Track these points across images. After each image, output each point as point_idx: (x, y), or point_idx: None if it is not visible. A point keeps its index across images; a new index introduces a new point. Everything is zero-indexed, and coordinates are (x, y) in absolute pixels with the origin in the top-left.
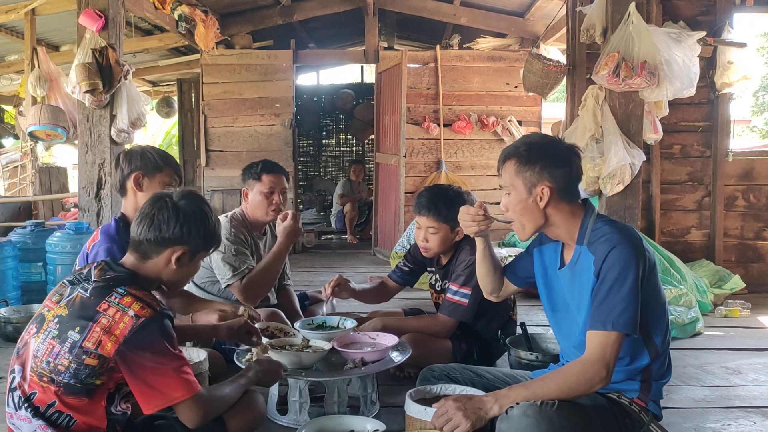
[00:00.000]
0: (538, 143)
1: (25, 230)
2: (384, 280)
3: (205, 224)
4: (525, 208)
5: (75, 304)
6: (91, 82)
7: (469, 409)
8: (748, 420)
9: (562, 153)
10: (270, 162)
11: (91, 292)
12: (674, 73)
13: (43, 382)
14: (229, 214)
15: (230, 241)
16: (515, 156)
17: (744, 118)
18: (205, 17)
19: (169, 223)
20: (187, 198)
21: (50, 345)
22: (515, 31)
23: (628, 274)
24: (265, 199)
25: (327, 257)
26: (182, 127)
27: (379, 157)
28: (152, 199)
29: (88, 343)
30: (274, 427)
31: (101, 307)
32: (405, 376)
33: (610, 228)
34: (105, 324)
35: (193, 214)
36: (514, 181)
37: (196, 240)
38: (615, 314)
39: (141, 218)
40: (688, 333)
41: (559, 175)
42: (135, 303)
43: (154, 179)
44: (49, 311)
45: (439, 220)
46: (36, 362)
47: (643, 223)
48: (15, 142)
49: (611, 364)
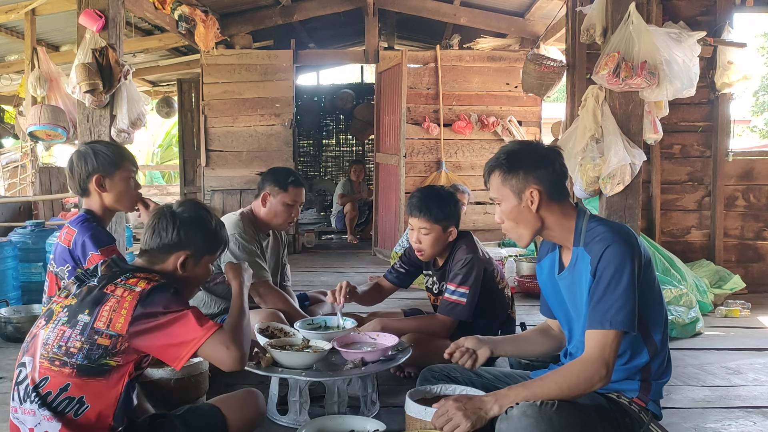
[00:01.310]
0: (516, 150)
1: (25, 230)
2: (379, 281)
3: (203, 227)
4: (518, 214)
5: (83, 293)
6: (91, 82)
7: (469, 409)
8: (748, 420)
9: (542, 154)
10: (298, 175)
11: (99, 281)
12: (674, 73)
13: (56, 366)
14: (237, 213)
15: (245, 240)
16: (497, 167)
17: (744, 118)
18: (205, 17)
19: (168, 229)
20: (184, 205)
21: (60, 331)
22: (515, 31)
23: (624, 272)
24: (287, 210)
25: (327, 257)
26: (182, 127)
27: (379, 157)
28: (154, 213)
29: (99, 322)
30: (274, 427)
31: (109, 289)
32: (405, 376)
33: (604, 227)
34: (113, 303)
35: (190, 218)
36: (502, 191)
37: (196, 243)
38: (612, 312)
39: (146, 230)
40: (688, 333)
41: (544, 176)
42: (141, 281)
43: (114, 177)
44: (57, 305)
45: (430, 220)
46: (46, 349)
47: (643, 223)
48: (15, 142)
49: (611, 362)
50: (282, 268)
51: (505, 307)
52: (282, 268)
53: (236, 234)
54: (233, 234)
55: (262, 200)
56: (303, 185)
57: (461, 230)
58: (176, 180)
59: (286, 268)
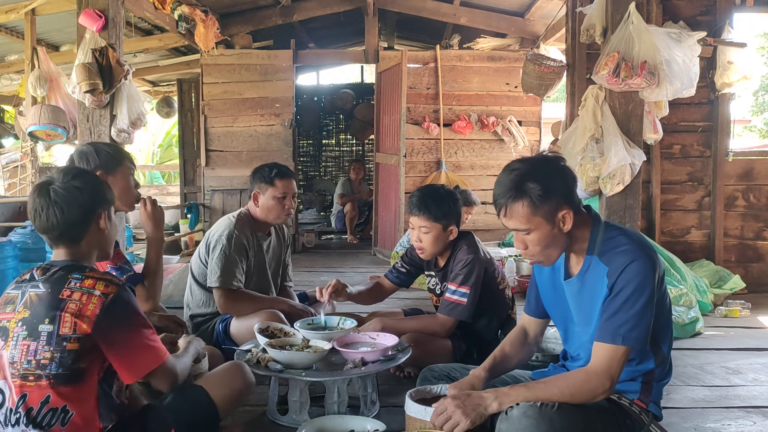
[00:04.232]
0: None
1: (25, 230)
2: (380, 281)
3: (98, 181)
4: (552, 239)
5: (33, 302)
6: (91, 82)
7: (469, 406)
8: (748, 420)
9: (560, 171)
10: (282, 166)
11: (46, 287)
12: (674, 73)
13: (30, 381)
14: (235, 214)
15: (230, 244)
16: (522, 197)
17: (744, 118)
18: (205, 17)
19: (82, 197)
20: (69, 173)
21: (24, 345)
22: (515, 31)
23: (645, 291)
24: (279, 203)
25: (327, 257)
26: (182, 127)
27: (379, 157)
28: (40, 191)
29: (64, 328)
30: (274, 427)
31: (64, 294)
32: (405, 376)
33: (626, 239)
34: (74, 309)
35: (87, 180)
36: (532, 221)
37: (105, 197)
38: (626, 329)
39: (45, 210)
40: (688, 333)
41: (569, 193)
42: (98, 283)
43: (117, 174)
44: (9, 322)
45: (430, 219)
46: (15, 367)
47: (643, 223)
48: (15, 142)
49: (615, 377)
50: (284, 269)
51: (506, 307)
52: (284, 268)
53: (224, 236)
54: (221, 235)
55: (254, 199)
56: (290, 176)
57: (462, 230)
58: (176, 180)
59: (288, 268)
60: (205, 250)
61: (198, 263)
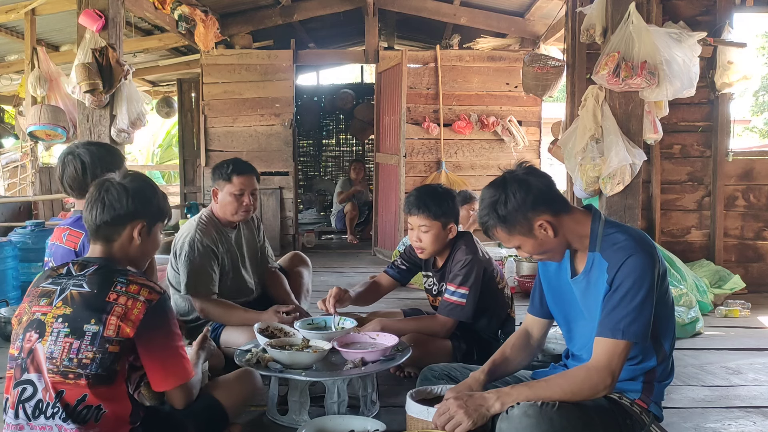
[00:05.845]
0: (495, 197)
1: (25, 230)
2: (378, 277)
3: (154, 195)
4: (542, 244)
5: (75, 300)
6: (91, 82)
7: (471, 406)
8: (748, 420)
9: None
10: (241, 162)
11: (91, 286)
12: (674, 73)
13: (69, 379)
14: (196, 218)
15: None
16: (494, 225)
17: (744, 118)
18: (205, 17)
19: (121, 200)
20: (130, 176)
21: (66, 343)
22: (515, 31)
23: (643, 285)
24: (236, 200)
25: (327, 257)
26: (182, 127)
27: (379, 157)
28: (97, 185)
29: (109, 331)
30: (274, 427)
31: (110, 297)
32: (405, 376)
33: (625, 235)
34: (120, 312)
35: (140, 188)
36: (515, 239)
37: (150, 211)
38: (626, 323)
39: (92, 204)
40: (688, 333)
41: (539, 202)
42: (142, 289)
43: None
44: (45, 315)
45: (429, 217)
46: (54, 363)
47: (643, 223)
48: (15, 142)
49: (617, 372)
50: (263, 253)
51: (505, 306)
52: (263, 252)
53: (186, 242)
54: (184, 242)
55: (213, 196)
56: (247, 172)
57: (461, 230)
58: (176, 180)
59: (267, 251)
60: (174, 257)
61: (171, 271)
